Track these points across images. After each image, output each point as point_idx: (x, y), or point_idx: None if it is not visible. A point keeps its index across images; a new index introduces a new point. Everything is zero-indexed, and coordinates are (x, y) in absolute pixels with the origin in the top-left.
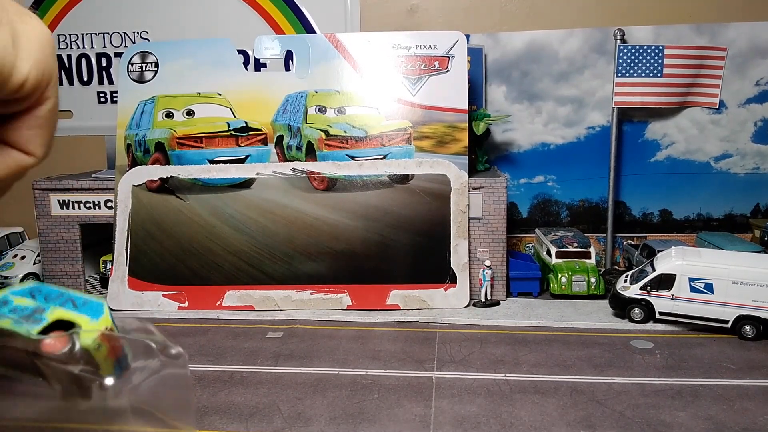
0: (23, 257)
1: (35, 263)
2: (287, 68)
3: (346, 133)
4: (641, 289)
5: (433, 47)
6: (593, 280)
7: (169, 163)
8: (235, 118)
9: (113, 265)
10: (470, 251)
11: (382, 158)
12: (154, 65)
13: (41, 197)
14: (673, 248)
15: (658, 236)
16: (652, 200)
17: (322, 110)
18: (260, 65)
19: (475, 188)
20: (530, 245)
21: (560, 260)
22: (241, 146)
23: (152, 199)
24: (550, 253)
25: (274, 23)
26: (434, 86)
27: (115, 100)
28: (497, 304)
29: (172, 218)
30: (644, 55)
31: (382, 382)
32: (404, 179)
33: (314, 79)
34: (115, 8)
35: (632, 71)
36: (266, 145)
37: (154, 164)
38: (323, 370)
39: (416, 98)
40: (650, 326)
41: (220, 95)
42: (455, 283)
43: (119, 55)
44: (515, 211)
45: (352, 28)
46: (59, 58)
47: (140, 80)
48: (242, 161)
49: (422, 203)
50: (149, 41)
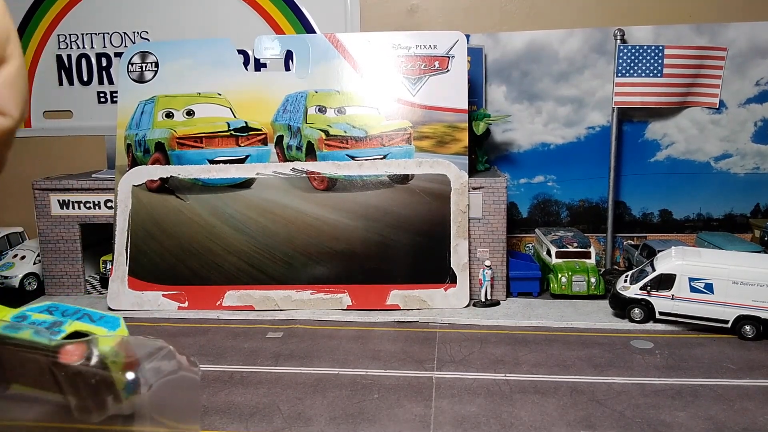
0: (23, 257)
1: (35, 263)
2: (287, 68)
3: (346, 133)
4: (641, 289)
5: (433, 47)
6: (593, 280)
7: (169, 163)
8: (235, 118)
9: (113, 265)
10: (470, 251)
11: (382, 158)
12: (154, 65)
13: (41, 197)
14: (673, 248)
15: (658, 236)
16: (652, 200)
17: (322, 110)
18: (260, 65)
19: (475, 188)
20: (530, 245)
21: (560, 260)
22: (241, 146)
23: (152, 199)
24: (550, 253)
25: (274, 23)
26: (434, 86)
27: (115, 100)
28: (497, 304)
29: (172, 218)
30: (644, 55)
31: (382, 382)
32: (404, 179)
33: (314, 79)
34: (115, 8)
35: (632, 71)
36: (266, 145)
37: (154, 164)
38: (323, 370)
39: (416, 98)
40: (650, 326)
41: (220, 95)
42: (455, 283)
43: (119, 55)
44: (515, 211)
45: (352, 28)
46: (59, 58)
47: (140, 80)
48: (242, 161)
49: (422, 203)
50: (149, 41)
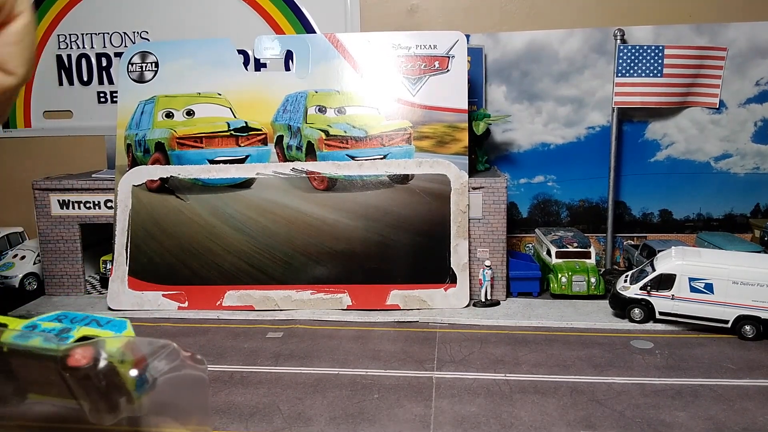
0: (23, 257)
1: (35, 263)
2: (287, 68)
3: (346, 133)
4: (641, 289)
5: (433, 47)
6: (593, 280)
7: (169, 163)
8: (235, 118)
9: (113, 265)
10: (470, 251)
11: (382, 158)
12: (154, 65)
13: (41, 197)
14: (673, 248)
15: (658, 236)
16: (652, 200)
17: (322, 110)
18: (260, 65)
19: (475, 188)
20: (530, 245)
21: (560, 260)
22: (241, 146)
23: (152, 199)
24: (550, 253)
25: (274, 23)
26: (434, 86)
27: (115, 100)
28: (497, 304)
29: (172, 218)
30: (644, 55)
31: (382, 382)
32: (404, 179)
33: (314, 79)
34: (115, 8)
35: (632, 71)
36: (266, 145)
37: (154, 164)
38: (323, 370)
39: (416, 98)
40: (650, 326)
41: (220, 95)
42: (455, 283)
43: (119, 55)
44: (515, 211)
45: (352, 28)
46: (59, 58)
47: (140, 80)
48: (242, 161)
49: (422, 203)
50: (149, 41)
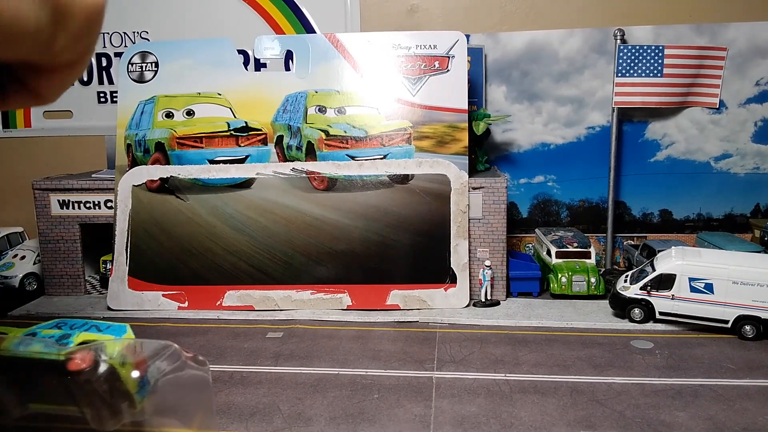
0: (23, 257)
1: (35, 263)
2: (287, 68)
3: (346, 133)
4: (641, 289)
5: (433, 47)
6: (593, 280)
7: (169, 163)
8: (235, 118)
9: (113, 265)
10: (470, 251)
11: (382, 158)
12: (154, 65)
13: (41, 197)
14: (673, 248)
15: (658, 236)
16: (652, 200)
17: (322, 110)
18: (260, 65)
19: (475, 188)
20: (530, 245)
21: (560, 260)
22: (241, 146)
23: (152, 199)
24: (550, 253)
25: (274, 23)
26: (434, 86)
27: (115, 100)
28: (497, 304)
29: (172, 218)
30: (644, 55)
31: (382, 382)
32: (404, 179)
33: (314, 79)
34: (115, 8)
35: (632, 71)
36: (266, 145)
37: (154, 164)
38: (323, 370)
39: (416, 98)
40: (650, 326)
41: (220, 95)
42: (455, 283)
43: (119, 55)
44: (515, 211)
45: (352, 28)
46: None
47: (140, 80)
48: (242, 161)
49: (422, 203)
50: (149, 41)
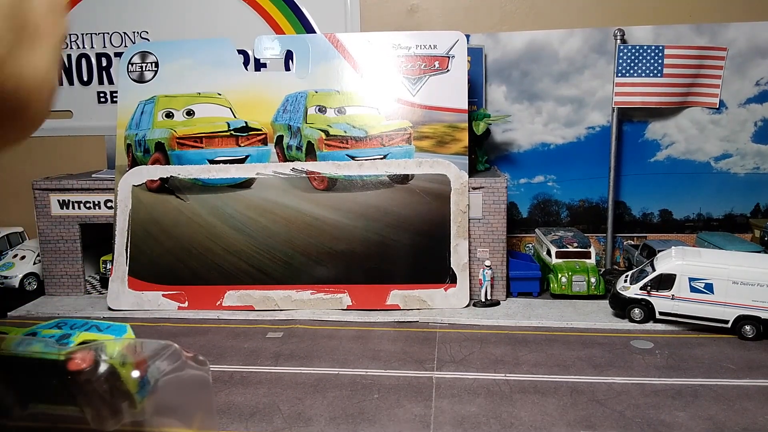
0: (23, 257)
1: (35, 263)
2: (287, 68)
3: (346, 133)
4: (641, 289)
5: (433, 47)
6: (593, 280)
7: (169, 163)
8: (235, 118)
9: (113, 265)
10: (470, 251)
11: (382, 158)
12: (154, 65)
13: (41, 197)
14: (673, 248)
15: (658, 236)
16: (652, 200)
17: (322, 110)
18: (260, 65)
19: (475, 188)
20: (530, 245)
21: (560, 260)
22: (241, 146)
23: (152, 199)
24: (550, 253)
25: (274, 23)
26: (434, 86)
27: (115, 100)
28: (497, 304)
29: (172, 218)
30: (644, 55)
31: (382, 382)
32: (404, 179)
33: (314, 79)
34: (115, 8)
35: (632, 71)
36: (266, 145)
37: (154, 164)
38: (323, 370)
39: (416, 98)
40: (650, 326)
41: (220, 95)
42: (455, 283)
43: (119, 55)
44: (515, 211)
45: (352, 28)
46: None
47: (140, 80)
48: (242, 161)
49: (422, 203)
50: (149, 41)
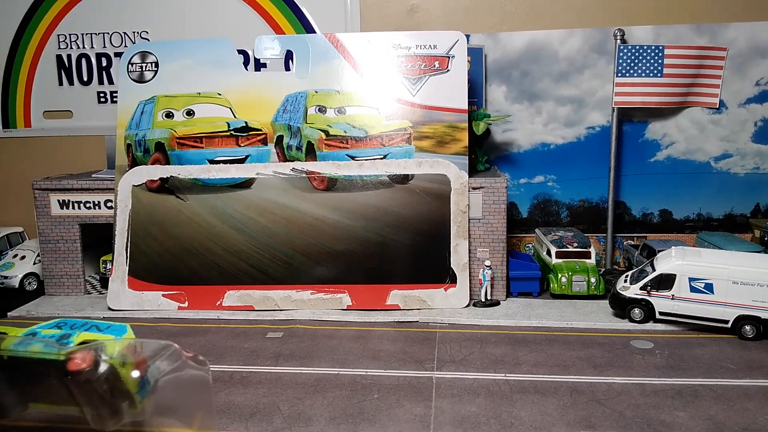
0: (23, 257)
1: (35, 263)
2: (287, 68)
3: (346, 133)
4: (641, 289)
5: (433, 47)
6: (593, 280)
7: (169, 163)
8: (235, 118)
9: (113, 265)
10: (470, 251)
11: (382, 158)
12: (154, 65)
13: (41, 197)
14: (673, 248)
15: (658, 236)
16: (652, 200)
17: (322, 110)
18: (260, 65)
19: (475, 188)
20: (530, 245)
21: (560, 260)
22: (241, 146)
23: (152, 199)
24: (550, 253)
25: (274, 23)
26: (434, 86)
27: (115, 100)
28: (497, 304)
29: (172, 218)
30: (644, 55)
31: (382, 382)
32: (404, 179)
33: (314, 79)
34: (115, 8)
35: (632, 71)
36: (266, 145)
37: (154, 164)
38: (323, 370)
39: (416, 98)
40: (650, 326)
41: (220, 95)
42: (455, 283)
43: (119, 55)
44: (515, 211)
45: (352, 28)
46: (59, 58)
47: (140, 80)
48: (242, 161)
49: (422, 203)
50: (149, 41)
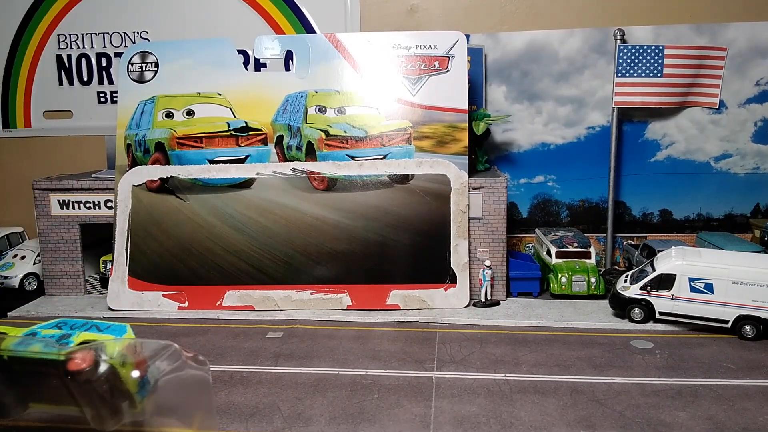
0: (23, 257)
1: (35, 263)
2: (287, 68)
3: (346, 133)
4: (641, 289)
5: (433, 47)
6: (593, 280)
7: (169, 163)
8: (235, 118)
9: (113, 265)
10: (470, 251)
11: (382, 158)
12: (154, 65)
13: (41, 197)
14: (673, 248)
15: (658, 236)
16: (652, 200)
17: (322, 110)
18: (260, 65)
19: (475, 188)
20: (530, 245)
21: (560, 260)
22: (241, 146)
23: (152, 199)
24: (550, 253)
25: (274, 23)
26: (434, 86)
27: (115, 100)
28: (497, 304)
29: (172, 218)
30: (644, 55)
31: (382, 382)
32: (404, 179)
33: (314, 79)
34: (115, 8)
35: (632, 71)
36: (266, 145)
37: (154, 164)
38: (323, 370)
39: (416, 98)
40: (650, 326)
41: (220, 95)
42: (455, 283)
43: (119, 55)
44: (515, 211)
45: (352, 28)
46: (59, 58)
47: (140, 80)
48: (242, 161)
49: (422, 203)
50: (149, 41)
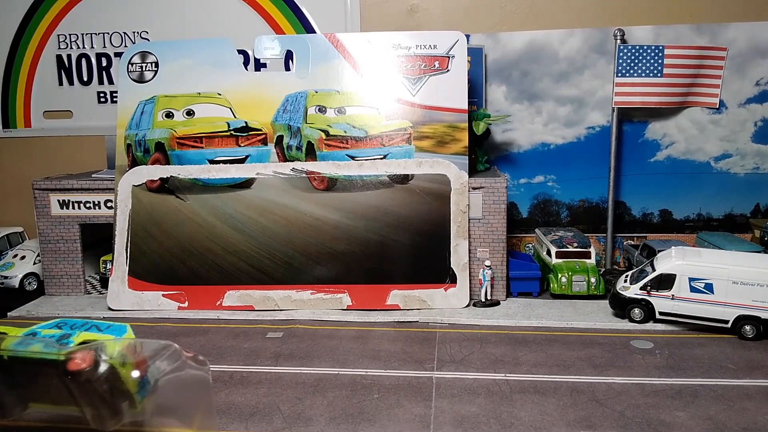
0: (23, 257)
1: (35, 263)
2: (287, 68)
3: (346, 133)
4: (641, 289)
5: (433, 47)
6: (593, 280)
7: (169, 163)
8: (235, 118)
9: (113, 265)
10: (470, 251)
11: (382, 158)
12: (154, 65)
13: (41, 197)
14: (673, 248)
15: (658, 236)
16: (652, 200)
17: (322, 110)
18: (260, 65)
19: (475, 188)
20: (530, 245)
21: (560, 260)
22: (241, 146)
23: (152, 199)
24: (550, 253)
25: (274, 23)
26: (434, 86)
27: (115, 100)
28: (497, 304)
29: (172, 218)
30: (644, 55)
31: (382, 382)
32: (404, 179)
33: (314, 79)
34: (115, 8)
35: (632, 71)
36: (266, 145)
37: (154, 164)
38: (323, 370)
39: (416, 98)
40: (650, 326)
41: (220, 95)
42: (455, 283)
43: (119, 55)
44: (515, 211)
45: (352, 28)
46: (59, 58)
47: (140, 80)
48: (242, 161)
49: (422, 203)
50: (149, 41)
